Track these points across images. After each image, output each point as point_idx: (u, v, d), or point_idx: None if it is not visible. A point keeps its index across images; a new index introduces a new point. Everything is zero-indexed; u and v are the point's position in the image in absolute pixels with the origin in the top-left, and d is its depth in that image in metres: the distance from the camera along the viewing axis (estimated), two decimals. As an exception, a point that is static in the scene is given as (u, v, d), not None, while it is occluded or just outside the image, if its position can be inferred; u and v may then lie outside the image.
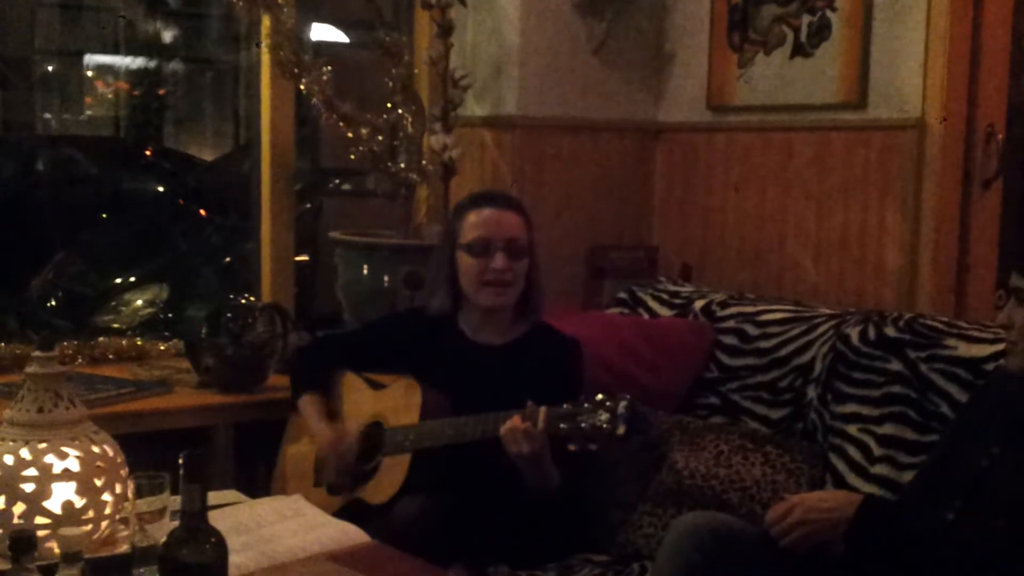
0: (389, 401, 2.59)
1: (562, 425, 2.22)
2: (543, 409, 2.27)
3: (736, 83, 3.36)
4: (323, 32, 4.50)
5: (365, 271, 3.18)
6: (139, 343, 3.43)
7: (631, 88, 3.58)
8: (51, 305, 4.76)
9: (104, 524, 1.93)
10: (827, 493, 2.32)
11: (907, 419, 2.46)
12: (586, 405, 2.21)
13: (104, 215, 5.42)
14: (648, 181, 3.63)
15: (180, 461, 1.55)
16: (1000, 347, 2.29)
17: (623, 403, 2.18)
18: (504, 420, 2.33)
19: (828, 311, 2.83)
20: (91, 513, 1.90)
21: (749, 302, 3.00)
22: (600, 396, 2.21)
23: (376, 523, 2.26)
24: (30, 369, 1.93)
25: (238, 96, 5.82)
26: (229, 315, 3.11)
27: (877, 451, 2.48)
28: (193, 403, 2.98)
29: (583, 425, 2.19)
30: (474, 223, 2.60)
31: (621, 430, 2.16)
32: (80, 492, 1.89)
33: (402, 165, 3.21)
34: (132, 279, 4.92)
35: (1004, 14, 2.96)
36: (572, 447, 2.20)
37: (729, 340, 2.90)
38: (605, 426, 2.17)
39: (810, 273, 3.19)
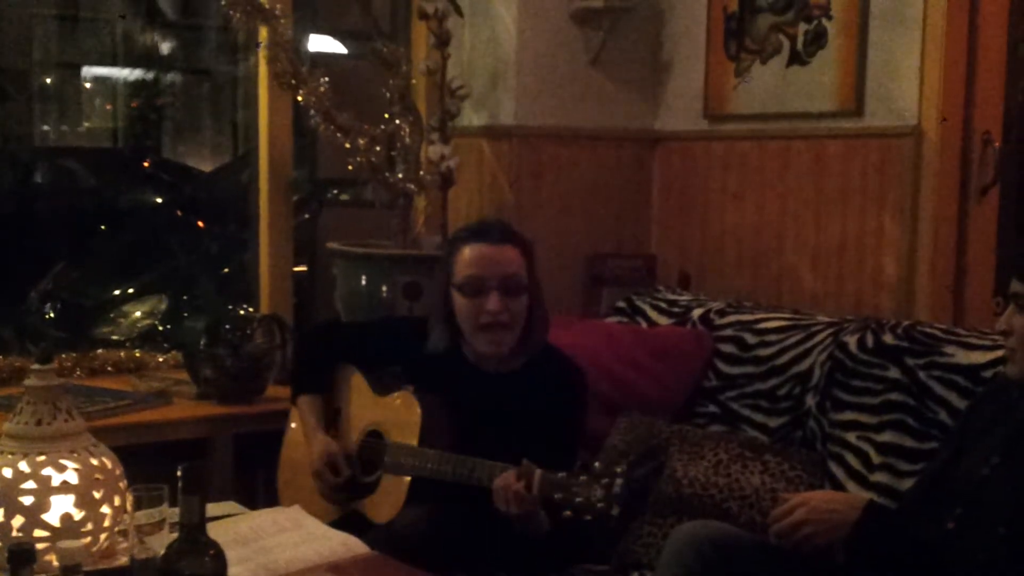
0: (390, 412, 2.57)
1: (556, 495, 2.13)
2: (539, 473, 2.18)
3: (733, 92, 3.37)
4: (320, 43, 4.50)
5: (363, 281, 3.17)
6: (137, 355, 3.43)
7: (628, 97, 3.59)
8: (49, 317, 4.75)
9: (103, 536, 1.93)
10: (831, 494, 2.31)
11: (906, 427, 2.46)
12: (582, 477, 2.11)
13: (102, 226, 5.41)
14: (646, 190, 3.64)
15: (179, 473, 1.55)
16: (999, 354, 2.30)
17: (619, 481, 2.07)
18: (500, 472, 2.26)
19: (826, 319, 2.83)
20: (90, 525, 1.90)
21: (747, 310, 3.00)
22: (597, 466, 2.11)
23: (376, 534, 2.27)
24: (29, 382, 1.94)
25: (236, 107, 5.83)
26: (228, 326, 3.12)
27: (876, 459, 2.48)
28: (192, 415, 2.99)
29: (577, 499, 2.10)
30: (467, 261, 2.51)
31: (615, 511, 2.07)
32: (79, 505, 1.89)
33: (400, 175, 3.22)
34: (130, 290, 4.92)
35: (1000, 21, 2.96)
36: (568, 514, 2.12)
37: (727, 348, 2.91)
38: (599, 504, 2.07)
39: (808, 281, 3.20)
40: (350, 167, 3.21)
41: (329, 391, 2.71)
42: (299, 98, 3.20)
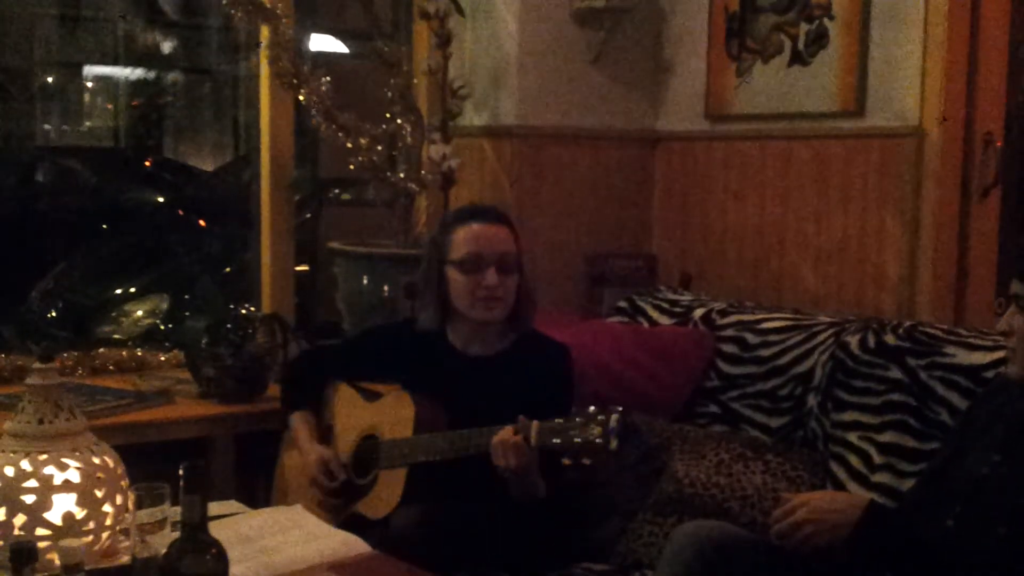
0: (383, 413, 2.58)
1: (555, 440, 2.19)
2: (535, 423, 2.24)
3: (734, 92, 3.37)
4: (322, 43, 4.51)
5: (365, 281, 3.18)
6: (139, 354, 3.43)
7: (629, 97, 3.59)
8: (51, 316, 4.76)
9: (105, 535, 1.93)
10: (832, 494, 2.31)
11: (907, 427, 2.46)
12: (578, 419, 2.18)
13: (104, 226, 5.42)
14: (647, 190, 3.64)
15: (180, 472, 1.55)
16: (1000, 354, 2.30)
17: (615, 416, 2.15)
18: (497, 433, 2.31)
19: (828, 319, 2.83)
20: (92, 524, 1.90)
21: (749, 310, 3.00)
22: (592, 409, 2.18)
23: (376, 533, 2.27)
24: (30, 380, 1.94)
25: (237, 106, 5.83)
26: (229, 325, 3.12)
27: (877, 459, 2.48)
28: (193, 414, 2.99)
29: (576, 440, 2.16)
30: (464, 239, 2.56)
31: (613, 444, 2.13)
32: (81, 503, 1.89)
33: (401, 175, 3.22)
34: (132, 290, 4.92)
35: (1001, 21, 2.96)
36: (566, 461, 2.18)
37: (729, 348, 2.90)
38: (598, 440, 2.14)
39: (809, 281, 3.20)
40: (351, 167, 3.22)
41: (319, 408, 2.74)
42: (300, 98, 3.20)
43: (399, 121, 3.23)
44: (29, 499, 1.87)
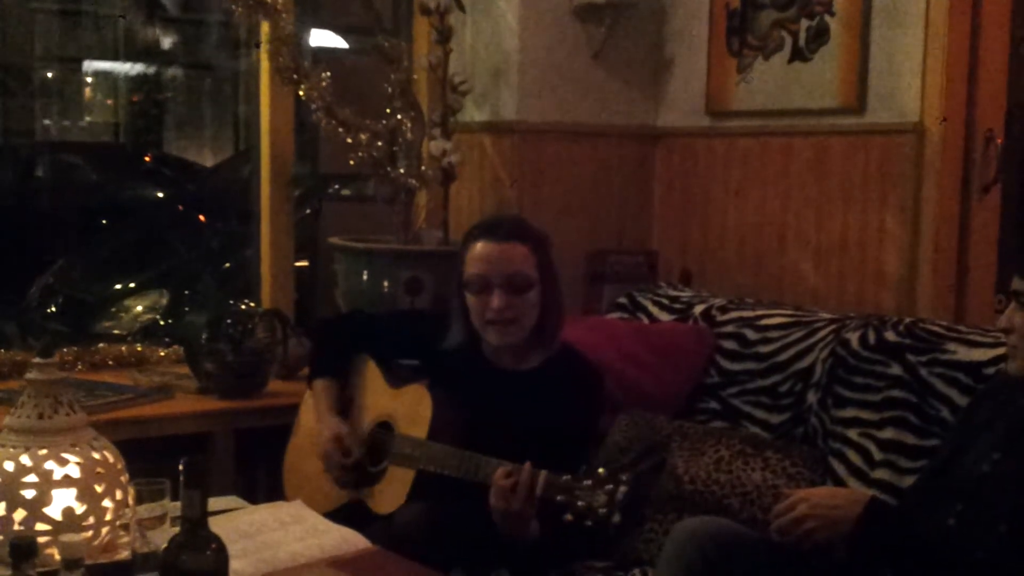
0: (402, 404, 2.56)
1: (559, 497, 2.13)
2: (543, 474, 2.18)
3: (735, 88, 3.37)
4: (322, 38, 4.51)
5: (365, 277, 3.17)
6: (139, 349, 3.43)
7: (630, 93, 3.59)
8: (51, 311, 4.76)
9: (105, 530, 1.93)
10: (833, 490, 2.30)
11: (907, 423, 2.46)
12: (586, 481, 2.11)
13: (104, 221, 5.43)
14: (647, 186, 3.64)
15: (180, 467, 1.55)
16: (1000, 351, 2.29)
17: (623, 489, 2.07)
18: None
19: (828, 315, 2.83)
20: (91, 519, 1.90)
21: (749, 307, 3.00)
22: (602, 472, 2.11)
23: (377, 529, 2.26)
24: (30, 375, 1.94)
25: (237, 102, 5.84)
26: (229, 321, 3.13)
27: (877, 455, 2.48)
28: (193, 409, 2.99)
29: (580, 503, 2.09)
30: (473, 258, 2.52)
31: (616, 519, 2.06)
32: (80, 498, 1.89)
33: (401, 170, 3.22)
34: (132, 285, 4.93)
35: (1002, 18, 2.96)
36: (569, 517, 2.12)
37: (729, 345, 2.90)
38: (601, 510, 2.07)
39: (810, 278, 3.20)
40: (351, 162, 3.21)
41: (345, 378, 2.70)
42: (301, 93, 3.20)
43: (399, 117, 3.23)
44: (29, 494, 1.87)
